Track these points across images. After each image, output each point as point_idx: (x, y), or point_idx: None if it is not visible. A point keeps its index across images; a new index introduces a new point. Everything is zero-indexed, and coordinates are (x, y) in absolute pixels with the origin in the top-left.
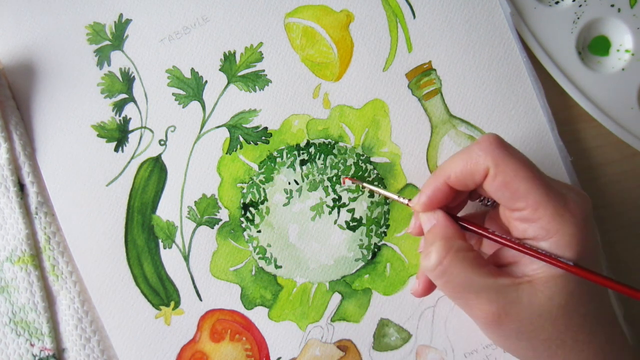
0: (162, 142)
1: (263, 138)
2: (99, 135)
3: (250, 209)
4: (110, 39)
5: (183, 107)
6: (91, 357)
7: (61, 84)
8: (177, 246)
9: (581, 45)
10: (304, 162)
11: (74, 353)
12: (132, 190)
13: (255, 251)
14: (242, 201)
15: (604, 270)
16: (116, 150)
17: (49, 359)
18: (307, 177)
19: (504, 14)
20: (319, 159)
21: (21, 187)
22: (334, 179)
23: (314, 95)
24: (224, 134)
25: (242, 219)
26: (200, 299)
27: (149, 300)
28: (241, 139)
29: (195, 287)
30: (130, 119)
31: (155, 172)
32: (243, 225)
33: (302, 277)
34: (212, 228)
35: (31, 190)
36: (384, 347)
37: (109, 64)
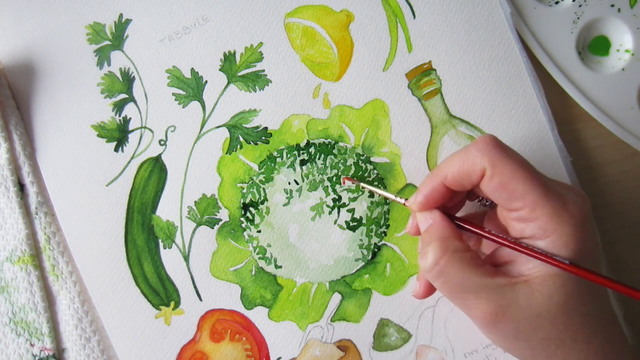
0: (162, 142)
1: (263, 138)
2: (99, 135)
3: (250, 209)
4: (110, 39)
5: (183, 107)
6: (91, 357)
7: (61, 84)
8: (177, 246)
9: (581, 45)
10: (304, 162)
11: (74, 353)
12: (132, 190)
13: (255, 251)
14: (242, 201)
15: (604, 270)
16: (116, 150)
17: (49, 359)
18: (307, 177)
19: (504, 14)
20: (319, 159)
21: (21, 187)
22: (334, 179)
23: (314, 95)
24: (224, 134)
25: (242, 219)
26: (200, 299)
27: (149, 300)
28: (241, 139)
29: (195, 287)
30: (130, 119)
31: (155, 172)
32: (243, 225)
33: (302, 277)
34: (212, 228)
35: (31, 190)
36: (384, 347)
37: (109, 64)
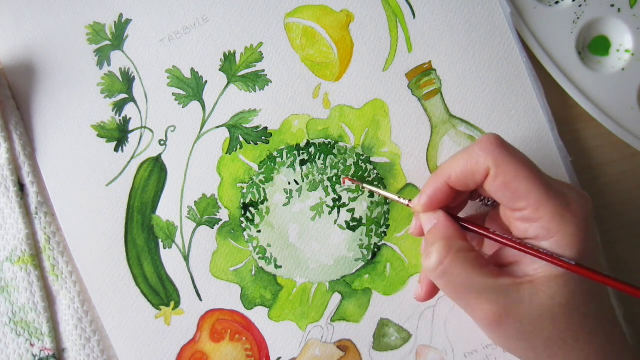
0: (162, 142)
1: (263, 138)
2: (99, 135)
3: (250, 209)
4: (110, 39)
5: (183, 107)
6: (91, 357)
7: (61, 84)
8: (177, 246)
9: (581, 45)
10: (304, 162)
11: (74, 353)
12: (132, 190)
13: (255, 251)
14: (242, 201)
15: (605, 270)
16: (116, 150)
17: (49, 359)
18: (307, 177)
19: (504, 14)
20: (319, 159)
21: (21, 187)
22: (334, 179)
23: (314, 95)
24: (224, 134)
25: (242, 219)
26: (200, 299)
27: (149, 300)
28: (241, 139)
29: (195, 287)
30: (130, 119)
31: (155, 172)
32: (243, 225)
33: (302, 277)
34: (212, 228)
35: (31, 190)
36: (384, 347)
37: (109, 64)
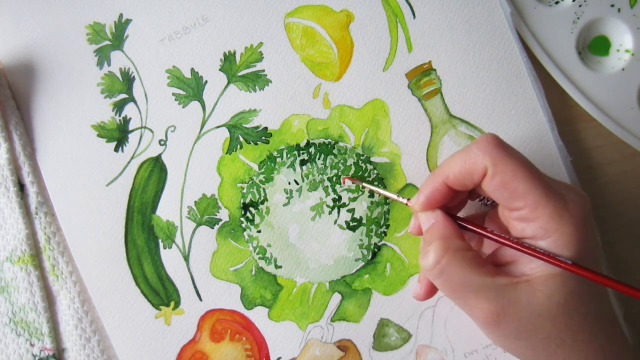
0: (162, 142)
1: (263, 138)
2: (99, 135)
3: (250, 209)
4: (110, 39)
5: (183, 107)
6: (91, 357)
7: (61, 84)
8: (177, 246)
9: (581, 45)
10: (304, 162)
11: (74, 353)
12: (132, 190)
13: (255, 251)
14: (242, 201)
15: (604, 270)
16: (116, 150)
17: (49, 359)
18: (307, 177)
19: (504, 14)
20: (319, 159)
21: (21, 187)
22: (334, 179)
23: (314, 95)
24: (224, 134)
25: (242, 219)
26: (200, 299)
27: (149, 300)
28: (241, 139)
29: (195, 287)
30: (130, 119)
31: (155, 172)
32: (243, 225)
33: (302, 277)
34: (212, 228)
35: (31, 190)
36: (384, 347)
37: (109, 64)
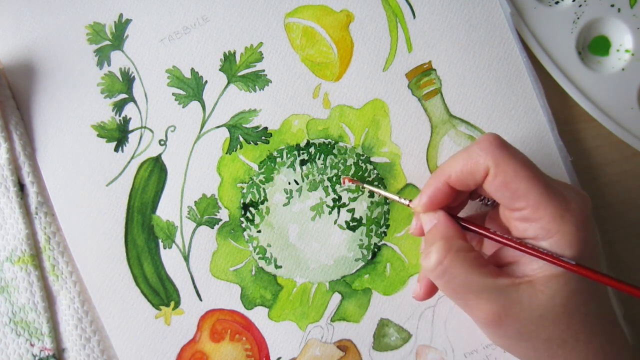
0: (162, 142)
1: (263, 138)
2: (99, 135)
3: (250, 209)
4: (110, 39)
5: (183, 107)
6: (91, 357)
7: (61, 84)
8: (177, 246)
9: (581, 45)
10: (304, 162)
11: (74, 353)
12: (132, 190)
13: (255, 251)
14: (242, 201)
15: (604, 270)
16: (116, 150)
17: (49, 359)
18: (307, 177)
19: (504, 14)
20: (319, 159)
21: (21, 187)
22: (334, 179)
23: (314, 95)
24: (224, 134)
25: (242, 219)
26: (200, 299)
27: (149, 300)
28: (241, 139)
29: (195, 287)
30: (130, 119)
31: (155, 172)
32: (243, 225)
33: (302, 277)
34: (212, 228)
35: (31, 190)
36: (384, 347)
37: (109, 64)
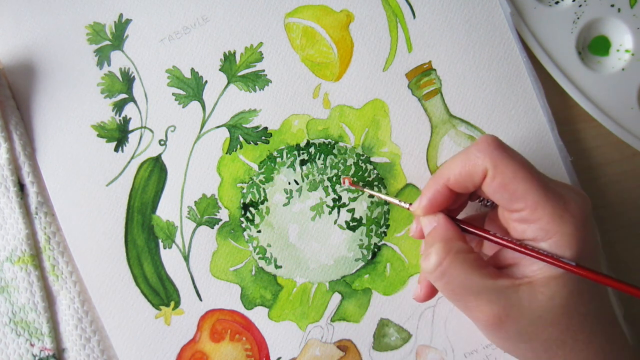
0: (162, 142)
1: (263, 138)
2: (99, 135)
3: (250, 209)
4: (110, 39)
5: (183, 107)
6: (91, 357)
7: (61, 84)
8: (177, 246)
9: (581, 45)
10: (304, 162)
11: (74, 353)
12: (132, 190)
13: (255, 251)
14: (242, 201)
15: (604, 270)
16: (116, 150)
17: (49, 359)
18: (307, 177)
19: (504, 14)
20: (319, 159)
21: (21, 187)
22: (334, 179)
23: (314, 95)
24: (224, 134)
25: (242, 219)
26: (200, 299)
27: (149, 300)
28: (241, 139)
29: (195, 287)
30: (130, 119)
31: (155, 172)
32: (243, 225)
33: (302, 277)
34: (212, 228)
35: (31, 190)
36: (384, 347)
37: (109, 64)
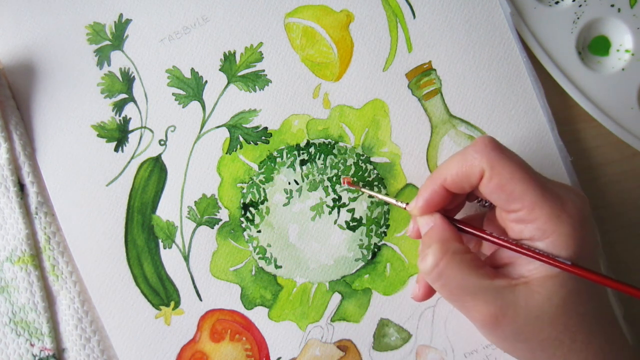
0: (162, 142)
1: (263, 138)
2: (99, 135)
3: (250, 209)
4: (110, 39)
5: (183, 107)
6: (91, 357)
7: (61, 84)
8: (177, 246)
9: (581, 45)
10: (304, 162)
11: (74, 353)
12: (132, 190)
13: (255, 251)
14: (242, 201)
15: (604, 271)
16: (116, 150)
17: (49, 359)
18: (307, 177)
19: (504, 14)
20: (319, 159)
21: (21, 187)
22: (334, 179)
23: (314, 95)
24: (224, 134)
25: (242, 219)
26: (200, 299)
27: (149, 300)
28: (241, 139)
29: (195, 287)
30: (130, 119)
31: (155, 172)
32: (243, 225)
33: (302, 277)
34: (212, 228)
35: (31, 190)
36: (384, 347)
37: (109, 64)
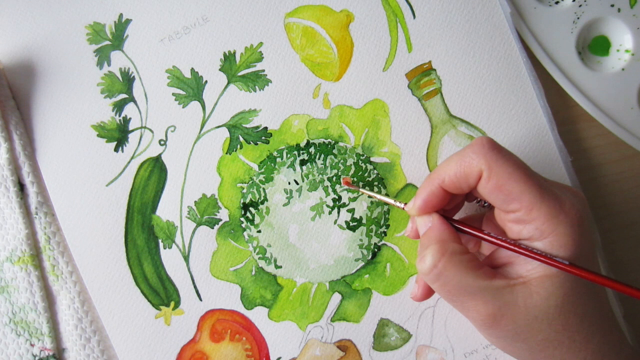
0: (162, 142)
1: (263, 138)
2: (99, 135)
3: (250, 209)
4: (110, 39)
5: (183, 107)
6: (91, 357)
7: (61, 84)
8: (177, 246)
9: (581, 45)
10: (304, 162)
11: (74, 353)
12: (132, 190)
13: (255, 251)
14: (242, 201)
15: (604, 270)
16: (116, 150)
17: (49, 359)
18: (307, 177)
19: (504, 14)
20: (319, 159)
21: (21, 187)
22: (334, 179)
23: (314, 95)
24: (224, 134)
25: (242, 219)
26: (200, 299)
27: (149, 300)
28: (241, 139)
29: (195, 287)
30: (130, 119)
31: (155, 172)
32: (243, 225)
33: (302, 277)
34: (212, 228)
35: (31, 190)
36: (384, 347)
37: (109, 64)
